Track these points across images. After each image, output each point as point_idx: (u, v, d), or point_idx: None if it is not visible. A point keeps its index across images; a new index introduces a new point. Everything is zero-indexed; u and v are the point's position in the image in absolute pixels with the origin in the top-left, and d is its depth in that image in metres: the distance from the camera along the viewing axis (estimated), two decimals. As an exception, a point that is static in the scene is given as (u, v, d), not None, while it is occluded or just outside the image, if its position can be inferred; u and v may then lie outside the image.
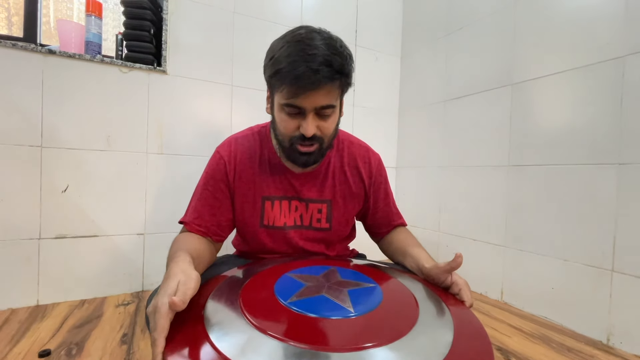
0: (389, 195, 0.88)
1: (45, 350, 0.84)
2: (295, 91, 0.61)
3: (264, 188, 0.76)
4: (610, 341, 1.00)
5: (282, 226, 0.77)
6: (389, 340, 0.45)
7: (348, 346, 0.43)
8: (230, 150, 0.77)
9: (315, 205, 0.78)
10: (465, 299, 0.60)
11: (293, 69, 0.59)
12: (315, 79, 0.59)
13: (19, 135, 1.13)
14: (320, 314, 0.50)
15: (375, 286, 0.61)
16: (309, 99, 0.62)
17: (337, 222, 0.81)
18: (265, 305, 0.52)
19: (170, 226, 1.36)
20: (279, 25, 1.56)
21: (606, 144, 1.03)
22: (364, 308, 0.52)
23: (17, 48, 1.11)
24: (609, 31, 1.03)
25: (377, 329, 0.48)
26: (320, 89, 0.61)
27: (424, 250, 0.75)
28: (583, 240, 1.08)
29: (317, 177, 0.78)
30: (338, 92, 0.66)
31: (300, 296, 0.55)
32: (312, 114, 0.64)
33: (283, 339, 0.43)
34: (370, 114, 1.83)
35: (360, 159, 0.82)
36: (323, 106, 0.64)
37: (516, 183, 1.29)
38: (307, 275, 0.64)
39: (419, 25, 1.81)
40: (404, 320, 0.50)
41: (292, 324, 0.47)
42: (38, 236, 1.16)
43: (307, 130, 0.64)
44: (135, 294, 1.29)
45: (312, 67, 0.59)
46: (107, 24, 1.48)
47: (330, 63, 0.60)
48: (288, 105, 0.64)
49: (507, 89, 1.33)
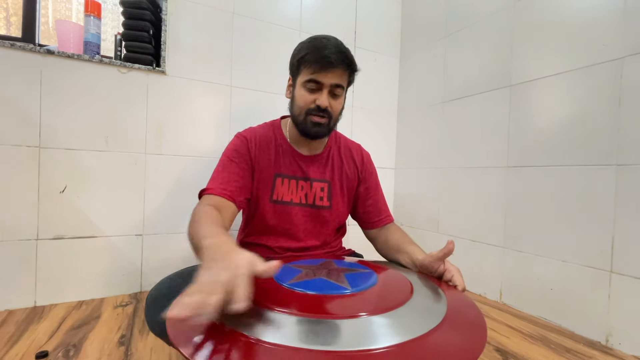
0: (379, 189, 0.99)
1: (43, 352, 0.84)
2: (318, 68, 0.78)
3: (277, 166, 0.87)
4: (609, 342, 1.00)
5: (289, 202, 0.87)
6: (384, 310, 0.47)
7: (346, 314, 0.45)
8: (252, 133, 0.89)
9: (318, 184, 0.90)
10: (457, 283, 0.63)
11: (318, 53, 0.78)
12: (332, 60, 0.77)
13: (17, 135, 1.12)
14: (319, 291, 0.52)
15: (371, 272, 0.64)
16: (327, 75, 0.78)
17: (336, 201, 0.92)
18: (267, 288, 0.54)
19: (169, 227, 1.36)
20: (279, 26, 1.56)
21: (604, 145, 1.03)
22: (361, 287, 0.55)
23: (16, 48, 1.11)
24: (607, 33, 1.03)
25: (374, 301, 0.51)
26: (337, 69, 0.78)
27: (418, 247, 0.79)
28: (582, 241, 1.08)
29: (320, 160, 0.91)
30: (346, 80, 0.82)
31: (299, 279, 0.58)
32: (327, 90, 0.80)
33: (288, 312, 0.45)
34: (369, 115, 1.84)
35: (354, 150, 0.97)
36: (337, 84, 0.80)
37: (515, 184, 1.29)
38: (305, 265, 0.68)
39: (418, 26, 1.82)
40: (399, 295, 0.53)
41: (294, 301, 0.49)
42: (36, 237, 1.15)
43: (323, 101, 0.79)
44: (133, 295, 1.29)
45: (330, 52, 0.77)
46: (106, 25, 1.48)
47: (344, 53, 0.79)
48: (310, 81, 0.79)
49: (505, 90, 1.33)
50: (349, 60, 0.80)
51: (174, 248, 1.37)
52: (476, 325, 0.48)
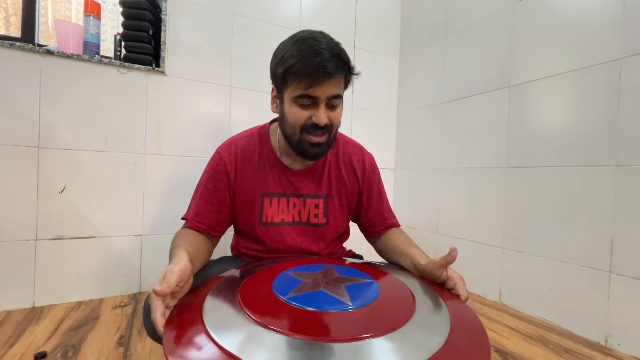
0: (383, 194, 0.90)
1: (41, 353, 0.84)
2: (310, 82, 0.65)
3: (263, 185, 0.78)
4: (609, 342, 1.00)
5: (280, 222, 0.79)
6: (386, 331, 0.45)
7: (347, 337, 0.43)
8: (231, 151, 0.79)
9: (312, 200, 0.81)
10: (460, 292, 0.61)
11: (307, 62, 0.65)
12: (328, 70, 0.64)
13: (16, 135, 1.12)
14: (319, 307, 0.51)
15: (372, 282, 0.62)
16: (322, 88, 0.66)
17: (333, 217, 0.83)
18: (264, 301, 0.53)
19: (168, 227, 1.36)
20: (278, 27, 1.56)
21: (603, 146, 1.03)
22: (362, 302, 0.53)
23: (15, 48, 1.11)
24: (606, 34, 1.03)
25: (375, 321, 0.49)
26: (332, 79, 0.66)
27: (420, 250, 0.76)
28: (581, 242, 1.08)
29: (314, 173, 0.81)
30: (344, 84, 0.71)
31: (298, 292, 0.56)
32: (324, 104, 0.68)
33: (282, 331, 0.44)
34: (369, 116, 1.84)
35: (354, 157, 0.85)
36: (334, 95, 0.68)
37: (514, 185, 1.29)
38: (305, 273, 0.65)
39: (417, 27, 1.82)
40: (401, 312, 0.51)
41: (291, 318, 0.48)
42: (35, 237, 1.15)
43: (321, 119, 0.68)
44: (132, 296, 1.28)
45: (324, 59, 0.64)
46: (105, 25, 1.48)
47: (338, 55, 0.67)
48: (302, 97, 0.67)
49: (505, 91, 1.33)
50: (347, 65, 0.68)
51: (173, 248, 1.37)
52: (478, 345, 0.46)
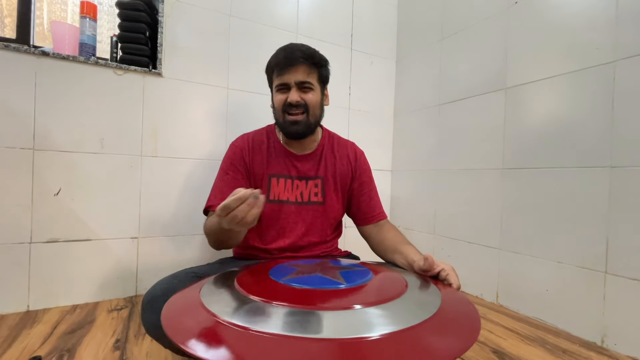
0: (373, 184, 1.01)
1: (36, 357, 0.83)
2: (279, 71, 0.85)
3: (271, 168, 0.92)
4: (605, 342, 1.01)
5: (285, 200, 0.92)
6: (378, 302, 0.48)
7: (340, 306, 0.46)
8: (244, 141, 0.95)
9: (312, 181, 0.94)
10: (452, 281, 0.64)
11: (278, 56, 0.87)
12: (291, 59, 0.84)
13: (11, 137, 1.11)
14: (314, 286, 0.53)
15: (366, 269, 0.66)
16: (289, 74, 0.85)
17: (329, 197, 0.95)
18: (261, 284, 0.56)
19: (164, 230, 1.35)
20: (275, 29, 1.56)
21: (598, 148, 1.04)
22: (356, 283, 0.56)
23: (10, 49, 1.10)
24: (600, 37, 1.05)
25: (368, 295, 0.52)
26: (297, 67, 0.84)
27: (414, 247, 0.80)
28: (577, 243, 1.09)
29: (314, 158, 0.95)
30: (315, 76, 0.88)
31: (294, 275, 0.59)
32: (294, 88, 0.85)
33: (279, 303, 0.46)
34: (366, 118, 1.84)
35: (347, 148, 1.01)
36: (302, 81, 0.85)
37: (510, 186, 1.30)
38: (301, 264, 0.69)
39: (414, 29, 1.83)
40: (394, 290, 0.54)
41: (287, 294, 0.51)
42: (29, 240, 1.14)
43: (292, 96, 0.85)
44: (128, 299, 1.27)
45: (290, 52, 0.85)
46: (102, 26, 1.47)
47: (303, 51, 0.85)
48: (279, 85, 0.87)
49: (500, 93, 1.34)
50: (308, 55, 0.84)
51: (170, 251, 1.36)
52: (469, 316, 0.48)
